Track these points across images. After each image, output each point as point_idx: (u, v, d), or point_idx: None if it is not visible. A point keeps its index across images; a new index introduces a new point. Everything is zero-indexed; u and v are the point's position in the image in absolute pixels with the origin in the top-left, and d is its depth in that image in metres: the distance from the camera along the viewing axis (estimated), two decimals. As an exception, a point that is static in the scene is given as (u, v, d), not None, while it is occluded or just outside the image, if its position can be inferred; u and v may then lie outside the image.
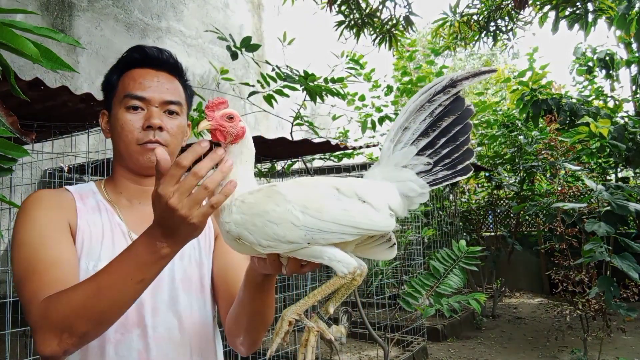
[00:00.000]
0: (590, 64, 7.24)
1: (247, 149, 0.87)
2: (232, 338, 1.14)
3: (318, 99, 3.29)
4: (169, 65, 1.16)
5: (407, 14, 5.01)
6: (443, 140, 0.85)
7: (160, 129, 1.09)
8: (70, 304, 0.85)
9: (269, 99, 3.38)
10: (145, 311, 1.07)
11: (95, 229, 1.09)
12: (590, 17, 4.43)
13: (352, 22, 5.05)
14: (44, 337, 0.86)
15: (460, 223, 7.34)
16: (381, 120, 4.64)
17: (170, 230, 0.81)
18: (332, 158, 5.47)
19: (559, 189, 4.78)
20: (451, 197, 7.32)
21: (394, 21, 5.06)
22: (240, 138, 0.86)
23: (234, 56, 3.14)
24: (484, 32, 5.62)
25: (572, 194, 4.66)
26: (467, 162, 0.85)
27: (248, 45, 3.10)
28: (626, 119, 5.03)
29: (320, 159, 5.51)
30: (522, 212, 6.60)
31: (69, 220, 1.07)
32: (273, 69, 3.26)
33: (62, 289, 0.90)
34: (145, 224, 1.10)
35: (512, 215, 7.40)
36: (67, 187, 1.16)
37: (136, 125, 1.09)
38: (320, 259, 0.81)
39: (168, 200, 0.77)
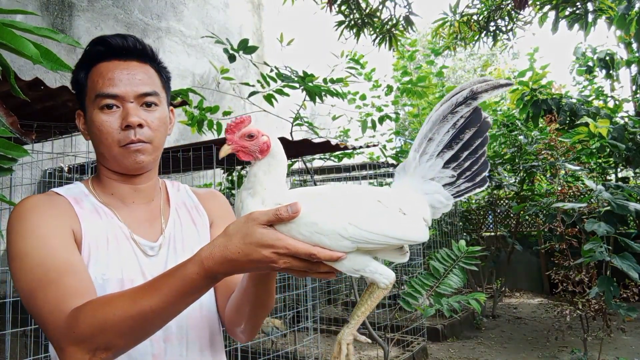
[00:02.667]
0: (590, 64, 7.24)
1: (274, 160, 0.87)
2: (232, 327, 1.12)
3: (318, 100, 3.30)
4: (137, 52, 1.06)
5: (407, 14, 5.01)
6: (466, 153, 0.88)
7: (140, 126, 1.02)
8: (107, 320, 0.80)
9: (269, 98, 3.38)
10: None
11: (99, 234, 1.03)
12: (590, 17, 4.43)
13: (352, 22, 5.06)
14: (72, 350, 0.81)
15: (460, 223, 7.34)
16: (381, 119, 4.64)
17: (240, 268, 0.80)
18: (332, 158, 5.47)
19: (559, 189, 4.77)
20: (451, 197, 7.31)
21: (394, 21, 5.06)
22: (266, 152, 0.86)
23: (232, 58, 3.15)
24: (484, 32, 5.63)
25: (572, 194, 4.66)
26: (484, 174, 0.89)
27: (246, 47, 3.10)
28: (626, 119, 5.03)
29: (320, 159, 5.52)
30: (522, 212, 6.60)
31: (71, 227, 1.00)
32: (272, 70, 3.26)
33: (83, 299, 0.86)
34: (144, 225, 1.11)
35: (512, 215, 7.40)
36: (55, 189, 1.08)
37: (114, 126, 1.02)
38: (362, 272, 0.83)
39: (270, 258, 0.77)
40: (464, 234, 7.16)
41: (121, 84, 1.02)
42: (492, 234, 7.49)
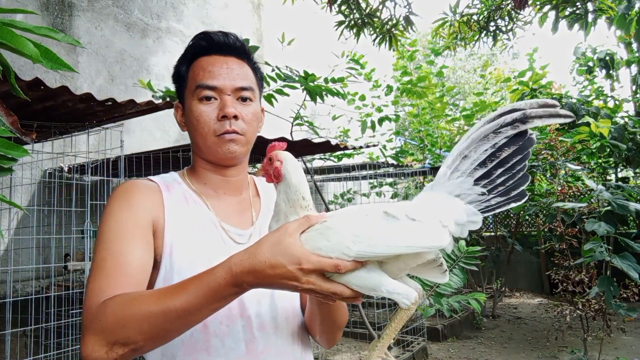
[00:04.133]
0: (590, 64, 7.24)
1: (290, 188, 0.88)
2: (311, 333, 1.14)
3: (318, 99, 3.30)
4: (237, 49, 1.12)
5: (407, 14, 5.01)
6: (500, 170, 0.83)
7: (236, 117, 1.06)
8: (131, 315, 0.81)
9: (269, 98, 3.38)
10: (247, 301, 1.03)
11: (184, 221, 1.05)
12: (590, 17, 4.43)
13: (352, 22, 5.05)
14: (92, 340, 0.81)
15: (460, 223, 7.32)
16: (381, 121, 4.64)
17: (264, 281, 0.79)
18: (332, 158, 5.47)
19: (559, 189, 4.77)
20: (451, 197, 7.31)
21: (394, 21, 5.06)
22: (279, 178, 0.88)
23: None
24: (484, 32, 5.62)
25: (572, 194, 4.66)
26: (522, 188, 0.83)
27: (246, 47, 3.09)
28: (626, 119, 5.04)
29: (320, 159, 5.52)
30: (522, 212, 6.60)
31: (153, 218, 1.02)
32: (273, 70, 3.26)
33: (125, 292, 0.87)
34: (233, 215, 1.13)
35: (512, 215, 7.40)
36: (152, 177, 1.12)
37: (211, 116, 1.06)
38: (379, 292, 0.80)
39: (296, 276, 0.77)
40: (464, 234, 7.15)
41: (220, 77, 1.07)
42: (492, 234, 7.49)
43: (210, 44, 1.10)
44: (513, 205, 0.83)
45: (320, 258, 0.77)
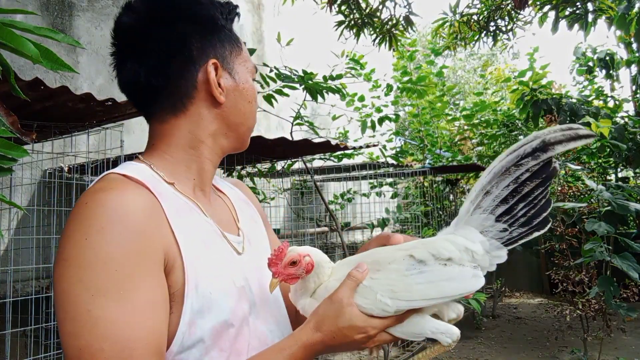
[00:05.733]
0: (591, 64, 7.24)
1: (320, 268, 0.87)
2: None
3: (319, 98, 3.30)
4: None
5: (407, 14, 5.01)
6: (522, 204, 0.80)
7: None
8: None
9: (269, 98, 3.38)
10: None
11: (195, 239, 0.80)
12: (590, 17, 4.43)
13: (352, 22, 5.05)
14: None
15: (460, 223, 7.32)
16: (381, 120, 4.64)
17: (332, 349, 0.79)
18: (332, 158, 5.47)
19: (559, 188, 4.78)
20: (451, 197, 7.32)
21: (394, 21, 5.05)
22: (312, 270, 0.86)
23: None
24: (484, 32, 5.62)
25: (572, 193, 4.66)
26: (544, 214, 0.80)
27: (245, 49, 3.09)
28: (626, 119, 5.04)
29: (320, 159, 5.52)
30: (522, 212, 6.58)
31: (165, 250, 0.73)
32: (271, 70, 3.26)
33: None
34: (224, 220, 0.92)
35: (512, 215, 7.39)
36: (125, 172, 0.78)
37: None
38: (424, 334, 0.82)
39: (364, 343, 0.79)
40: (464, 234, 7.14)
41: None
42: (492, 234, 7.47)
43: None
44: (536, 234, 0.81)
45: (382, 320, 0.78)
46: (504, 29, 5.63)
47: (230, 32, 0.91)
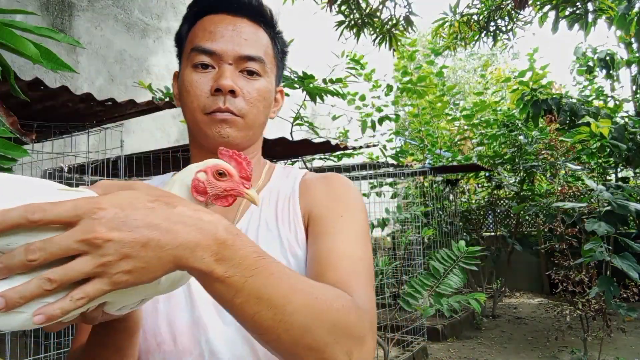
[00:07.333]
0: (591, 64, 7.24)
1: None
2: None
3: (318, 100, 3.30)
4: (252, 9, 0.88)
5: (407, 14, 5.01)
6: None
7: (233, 93, 0.82)
8: None
9: (269, 99, 3.38)
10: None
11: None
12: (590, 17, 4.43)
13: (352, 22, 5.05)
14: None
15: (460, 223, 7.34)
16: (381, 120, 4.64)
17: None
18: (332, 158, 5.47)
19: (559, 189, 4.78)
20: (451, 197, 7.33)
21: (394, 21, 5.06)
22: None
23: None
24: (484, 32, 5.63)
25: (572, 194, 4.67)
26: None
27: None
28: (626, 119, 5.04)
29: (320, 159, 5.52)
30: (522, 212, 6.60)
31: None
32: (272, 70, 3.26)
33: None
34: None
35: (512, 215, 7.41)
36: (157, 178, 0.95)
37: (204, 88, 0.83)
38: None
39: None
40: (464, 234, 7.16)
41: (222, 40, 0.84)
42: (492, 234, 7.49)
43: (218, 0, 0.87)
44: None
45: None
46: (504, 29, 5.64)
47: (187, 35, 0.90)
